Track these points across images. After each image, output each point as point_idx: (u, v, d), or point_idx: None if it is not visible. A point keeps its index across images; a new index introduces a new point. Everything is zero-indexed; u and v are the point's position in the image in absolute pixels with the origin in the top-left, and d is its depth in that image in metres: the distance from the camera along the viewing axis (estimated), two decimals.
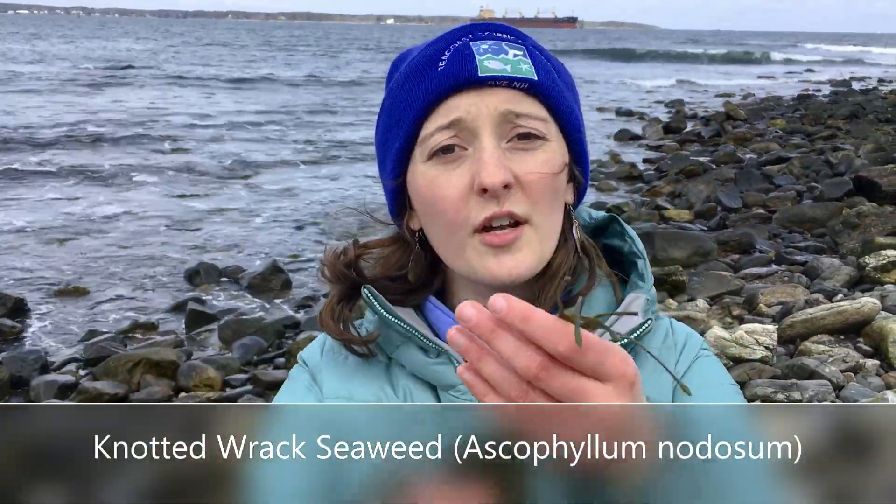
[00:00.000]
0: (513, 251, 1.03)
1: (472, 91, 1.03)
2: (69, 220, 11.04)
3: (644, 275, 1.14)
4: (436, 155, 1.04)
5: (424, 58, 1.07)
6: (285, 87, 32.72)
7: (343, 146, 18.67)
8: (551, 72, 1.08)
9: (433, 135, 1.04)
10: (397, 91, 1.09)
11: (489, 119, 1.02)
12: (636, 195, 12.37)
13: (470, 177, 1.02)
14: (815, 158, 13.63)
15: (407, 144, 1.07)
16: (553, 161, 1.05)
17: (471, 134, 1.03)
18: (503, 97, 1.03)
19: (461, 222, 1.03)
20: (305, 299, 7.98)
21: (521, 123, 1.03)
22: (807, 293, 6.77)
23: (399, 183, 1.11)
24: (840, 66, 52.94)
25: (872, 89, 31.03)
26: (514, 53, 1.05)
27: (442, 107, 1.04)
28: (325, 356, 1.16)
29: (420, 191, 1.07)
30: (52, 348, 6.73)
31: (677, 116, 23.10)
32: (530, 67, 1.05)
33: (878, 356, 5.32)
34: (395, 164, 1.09)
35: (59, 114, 21.60)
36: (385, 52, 62.63)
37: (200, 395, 5.72)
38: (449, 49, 1.05)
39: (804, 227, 9.67)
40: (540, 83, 1.04)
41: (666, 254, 8.14)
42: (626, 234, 1.18)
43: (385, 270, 1.15)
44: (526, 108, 1.04)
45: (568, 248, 1.12)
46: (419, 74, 1.06)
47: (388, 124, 1.10)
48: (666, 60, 62.16)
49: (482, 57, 1.03)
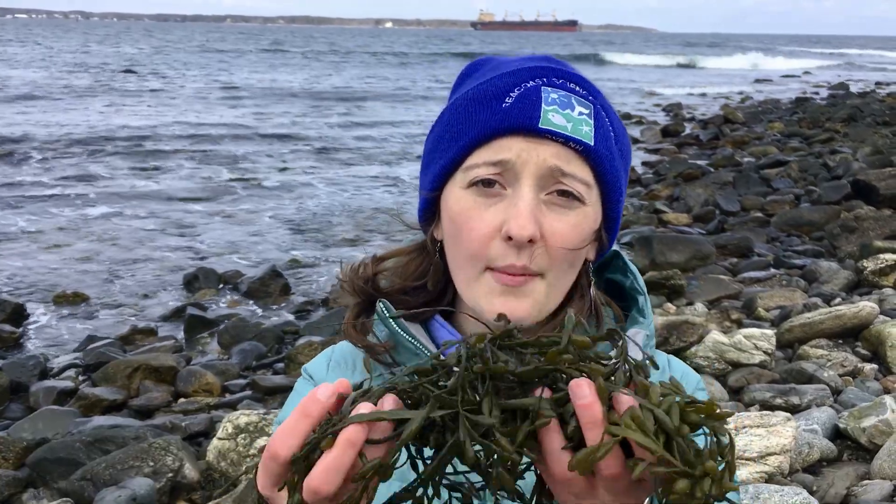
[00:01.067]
0: (518, 295, 1.06)
1: (528, 137, 1.04)
2: (68, 225, 11.04)
3: (644, 311, 1.17)
4: (476, 185, 1.06)
5: (494, 88, 1.08)
6: (284, 92, 32.71)
7: (340, 150, 18.68)
8: (610, 138, 1.09)
9: (479, 167, 1.06)
10: (459, 111, 1.10)
11: (535, 169, 1.04)
12: (635, 199, 12.37)
13: (502, 219, 1.04)
14: (812, 162, 13.65)
15: (451, 165, 1.09)
16: (583, 227, 1.07)
17: (514, 177, 1.05)
18: (554, 151, 1.04)
19: (480, 257, 1.06)
20: (304, 304, 7.98)
21: (565, 182, 1.05)
22: (805, 297, 6.78)
23: (434, 195, 1.13)
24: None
25: (870, 92, 31.08)
26: (580, 111, 1.06)
27: (494, 143, 1.05)
28: (331, 370, 1.20)
29: (452, 213, 1.09)
30: (52, 354, 6.73)
31: (675, 120, 23.13)
32: (590, 130, 1.06)
33: (876, 360, 5.33)
34: (435, 178, 1.12)
35: (56, 120, 21.61)
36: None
37: (199, 400, 5.72)
38: (519, 87, 1.06)
39: (802, 230, 9.68)
40: (595, 150, 1.06)
41: (664, 258, 8.15)
42: (628, 270, 1.21)
43: (404, 280, 1.19)
44: (573, 169, 1.05)
45: (582, 304, 1.14)
46: (483, 104, 1.07)
47: (440, 138, 1.12)
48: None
49: (549, 108, 1.04)
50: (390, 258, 1.21)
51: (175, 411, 5.55)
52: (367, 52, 71.25)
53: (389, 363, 1.13)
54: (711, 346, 5.31)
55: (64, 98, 26.70)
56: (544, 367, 0.73)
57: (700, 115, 24.74)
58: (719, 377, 5.15)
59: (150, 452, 4.26)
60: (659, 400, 0.70)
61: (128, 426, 4.96)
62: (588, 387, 0.71)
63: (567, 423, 0.72)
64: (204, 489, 4.27)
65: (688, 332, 5.61)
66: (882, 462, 3.85)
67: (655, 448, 0.67)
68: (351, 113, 25.91)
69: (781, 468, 3.80)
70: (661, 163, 15.54)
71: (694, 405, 0.70)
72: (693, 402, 0.70)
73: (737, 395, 4.93)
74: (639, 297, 1.18)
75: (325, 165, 16.70)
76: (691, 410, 0.69)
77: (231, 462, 4.27)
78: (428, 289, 1.18)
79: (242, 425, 4.36)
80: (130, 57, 53.70)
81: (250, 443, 4.29)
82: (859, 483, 3.81)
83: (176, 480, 4.20)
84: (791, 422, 4.04)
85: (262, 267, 8.86)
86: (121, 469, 4.17)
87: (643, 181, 13.86)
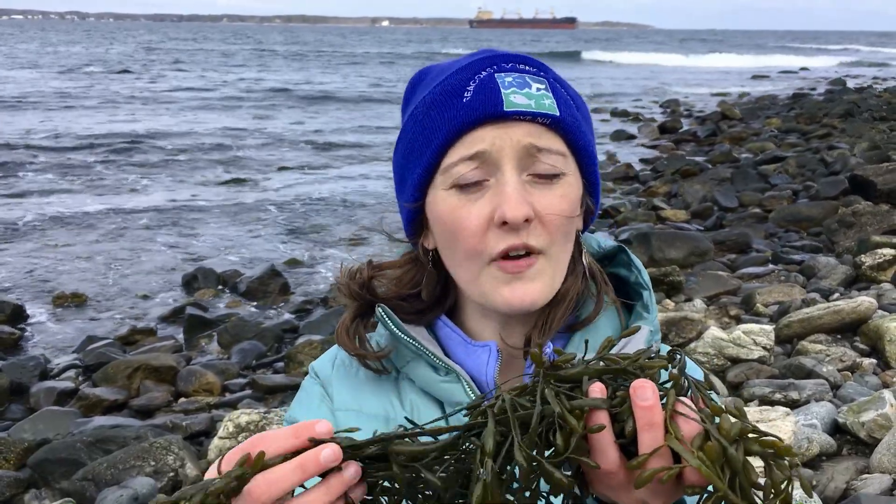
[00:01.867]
0: (525, 280, 1.06)
1: (496, 124, 1.05)
2: (66, 225, 11.04)
3: (649, 306, 1.17)
4: (458, 186, 1.07)
5: (449, 87, 1.09)
6: (282, 92, 32.70)
7: (341, 149, 18.68)
8: (571, 106, 1.11)
9: (456, 165, 1.06)
10: (421, 118, 1.10)
11: (512, 152, 1.05)
12: (633, 196, 12.38)
13: (491, 208, 1.05)
14: (810, 157, 13.66)
15: (428, 171, 1.09)
16: (570, 196, 1.08)
17: (494, 166, 1.05)
18: (526, 131, 1.05)
19: (480, 252, 1.06)
20: (304, 303, 7.98)
21: (543, 158, 1.06)
22: (803, 292, 6.79)
23: (417, 206, 1.13)
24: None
25: (867, 87, 31.09)
26: (538, 87, 1.07)
27: (466, 138, 1.06)
28: (336, 369, 1.20)
29: (440, 217, 1.09)
30: (52, 355, 6.73)
31: (673, 116, 23.14)
32: (553, 103, 1.07)
33: (875, 355, 5.34)
34: (414, 188, 1.12)
35: (55, 120, 21.59)
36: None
37: (200, 399, 5.72)
38: (474, 80, 1.07)
39: (800, 226, 9.69)
40: (562, 119, 1.07)
41: (663, 254, 8.16)
42: (632, 264, 1.21)
43: (398, 289, 1.19)
44: (547, 143, 1.06)
45: (577, 274, 1.15)
46: (444, 105, 1.08)
47: (409, 150, 1.13)
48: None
49: (507, 91, 1.06)
50: (385, 269, 1.21)
51: (176, 411, 5.56)
52: (366, 53, 71.14)
53: (379, 370, 1.14)
54: (710, 341, 5.32)
55: (62, 98, 26.67)
56: (604, 369, 0.76)
57: (697, 111, 24.76)
58: (718, 373, 5.16)
59: (152, 452, 4.27)
60: (728, 425, 0.71)
61: (129, 426, 4.97)
62: (651, 389, 0.73)
63: (620, 421, 0.74)
64: None
65: (687, 328, 5.62)
66: (881, 456, 3.86)
67: (721, 486, 0.68)
68: (351, 112, 25.90)
69: None
70: (658, 160, 15.55)
71: (758, 436, 0.71)
72: (756, 432, 0.71)
73: (736, 390, 4.94)
74: (643, 293, 1.18)
75: (325, 165, 16.70)
76: (754, 440, 0.71)
77: None
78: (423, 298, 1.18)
79: (243, 424, 4.37)
80: (126, 56, 53.63)
81: None
82: (859, 477, 3.82)
83: (177, 480, 4.21)
84: (790, 417, 4.05)
85: (260, 266, 8.86)
86: (122, 469, 4.18)
87: (641, 178, 13.87)
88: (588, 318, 1.14)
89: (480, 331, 1.15)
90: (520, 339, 1.12)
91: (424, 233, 1.16)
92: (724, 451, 0.69)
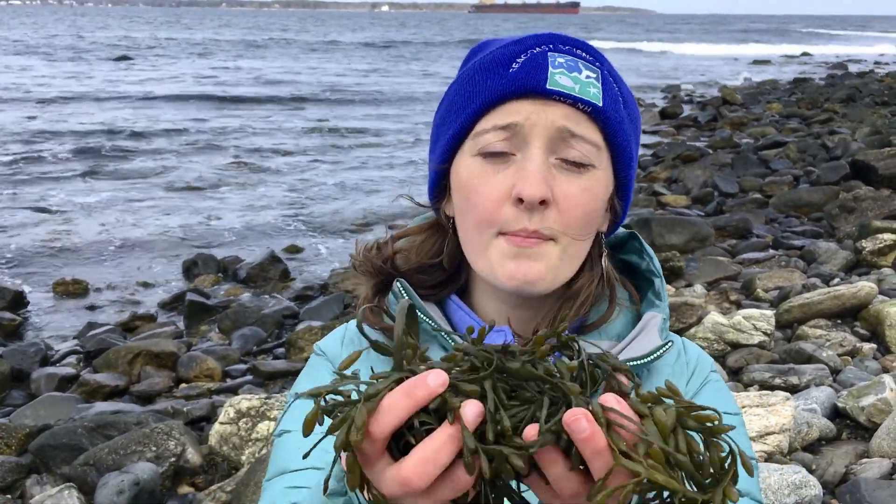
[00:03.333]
0: (532, 257, 1.04)
1: (536, 99, 1.03)
2: (66, 212, 11.03)
3: (660, 293, 1.16)
4: (484, 154, 1.05)
5: (500, 56, 1.07)
6: (287, 79, 32.59)
7: (344, 136, 18.64)
8: (618, 101, 1.08)
9: (487, 132, 1.05)
10: (465, 81, 1.10)
11: (545, 131, 1.03)
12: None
13: (511, 182, 1.03)
14: (811, 143, 13.63)
15: (461, 134, 1.08)
16: (595, 190, 1.06)
17: (523, 141, 1.04)
18: (564, 113, 1.03)
19: (491, 222, 1.05)
20: (304, 289, 7.98)
21: (575, 145, 1.04)
22: (804, 278, 6.79)
23: (444, 168, 1.12)
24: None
25: (868, 72, 30.99)
26: (588, 74, 1.05)
27: (503, 107, 1.04)
28: (345, 346, 1.19)
29: (461, 181, 1.08)
30: (52, 341, 6.74)
31: (673, 101, 23.07)
32: (598, 92, 1.05)
33: (875, 340, 5.34)
34: (445, 149, 1.11)
35: (55, 105, 21.53)
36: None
37: (201, 385, 5.74)
38: (526, 53, 1.06)
39: (801, 211, 9.68)
40: (604, 110, 1.05)
41: (663, 240, 8.16)
42: (644, 251, 1.20)
43: (419, 258, 1.17)
44: (583, 130, 1.04)
45: (593, 275, 1.13)
46: (490, 71, 1.07)
47: (448, 110, 1.12)
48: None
49: (556, 70, 1.04)
50: (405, 237, 1.20)
51: (176, 396, 5.57)
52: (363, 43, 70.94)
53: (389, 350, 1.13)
54: (710, 327, 5.32)
55: (62, 83, 26.59)
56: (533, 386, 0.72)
57: (698, 96, 24.69)
58: (718, 358, 5.17)
59: (153, 437, 4.28)
60: (663, 417, 0.67)
61: (130, 412, 4.98)
62: (585, 418, 0.67)
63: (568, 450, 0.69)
64: (207, 473, 4.29)
65: (687, 313, 5.62)
66: (881, 440, 3.87)
67: (677, 487, 0.66)
68: (355, 99, 25.83)
69: (781, 447, 3.82)
70: (659, 145, 15.52)
71: (692, 411, 0.68)
72: (691, 408, 0.68)
73: (736, 375, 4.94)
74: (654, 280, 1.17)
75: (327, 151, 16.67)
76: (691, 417, 0.68)
77: (233, 446, 4.29)
78: (444, 267, 1.16)
79: (244, 410, 4.38)
80: (128, 42, 53.44)
81: (252, 427, 4.31)
82: (858, 461, 3.83)
83: (178, 465, 4.22)
84: (790, 401, 4.05)
85: (261, 252, 8.86)
86: (123, 454, 4.19)
87: (641, 163, 13.82)
88: (600, 320, 1.12)
89: (491, 314, 1.13)
90: (528, 328, 1.11)
91: (447, 198, 1.15)
92: (665, 454, 0.66)
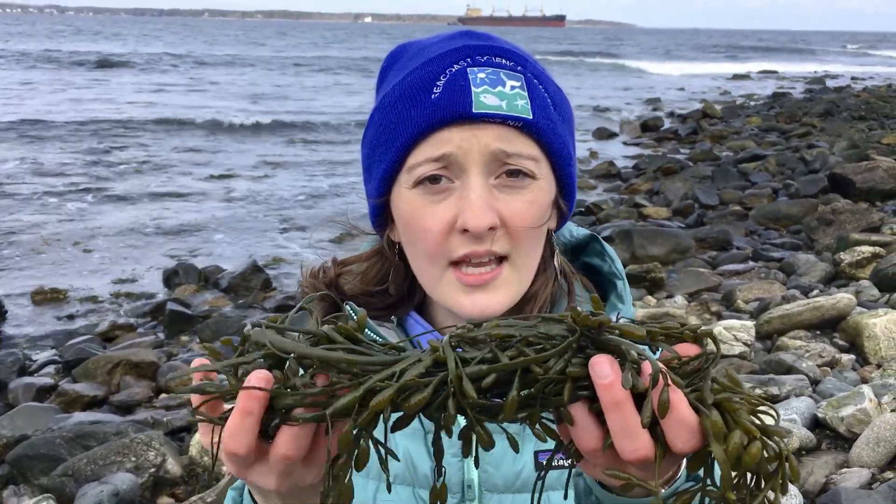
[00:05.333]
0: (488, 290, 1.03)
1: (464, 125, 1.00)
2: (44, 221, 10.92)
3: (623, 296, 1.14)
4: (422, 183, 1.02)
5: (419, 79, 1.03)
6: (265, 89, 32.53)
7: (321, 146, 18.61)
8: (547, 106, 1.05)
9: (421, 165, 1.02)
10: (389, 110, 1.06)
11: (480, 157, 1.00)
12: (614, 193, 12.44)
13: (454, 212, 1.01)
14: (790, 156, 13.77)
15: (393, 167, 1.05)
16: (540, 201, 1.04)
17: (460, 169, 1.01)
18: (495, 134, 1.00)
19: (441, 255, 1.03)
20: (286, 299, 7.95)
21: (512, 163, 1.01)
22: (783, 289, 6.84)
23: (383, 201, 1.10)
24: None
25: (845, 87, 31.36)
26: (512, 85, 1.02)
27: (432, 138, 1.01)
28: None
29: (403, 216, 1.06)
30: (30, 350, 6.66)
31: (655, 114, 23.24)
32: (526, 104, 1.02)
33: (853, 351, 5.39)
34: (379, 184, 1.08)
35: (34, 112, 21.37)
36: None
37: (181, 395, 5.69)
38: (445, 74, 1.02)
39: (780, 223, 9.77)
40: (535, 123, 1.02)
41: (644, 251, 8.20)
42: (605, 254, 1.18)
43: (365, 285, 1.15)
44: (518, 147, 1.01)
45: (547, 276, 1.12)
46: (413, 98, 1.02)
47: (376, 140, 1.08)
48: None
49: (478, 89, 1.00)
50: (351, 264, 1.18)
51: (156, 406, 5.52)
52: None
53: None
54: None
55: (42, 92, 26.40)
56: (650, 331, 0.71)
57: (679, 109, 24.88)
58: None
59: (132, 448, 4.24)
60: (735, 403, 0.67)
61: (109, 422, 4.93)
62: (609, 364, 0.66)
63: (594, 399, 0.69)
64: (187, 484, 4.25)
65: None
66: (860, 450, 3.90)
67: (727, 471, 0.65)
68: (336, 107, 25.81)
69: None
70: (640, 157, 15.62)
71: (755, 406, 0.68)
72: (755, 402, 0.69)
73: None
74: (617, 282, 1.15)
75: (307, 160, 16.63)
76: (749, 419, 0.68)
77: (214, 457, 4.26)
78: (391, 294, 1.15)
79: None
80: (107, 51, 53.17)
81: None
82: (838, 471, 3.86)
83: (158, 475, 4.18)
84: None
85: (242, 263, 8.81)
86: (102, 465, 4.14)
87: (623, 175, 13.92)
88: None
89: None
90: None
91: (391, 226, 1.13)
92: (759, 456, 0.66)
